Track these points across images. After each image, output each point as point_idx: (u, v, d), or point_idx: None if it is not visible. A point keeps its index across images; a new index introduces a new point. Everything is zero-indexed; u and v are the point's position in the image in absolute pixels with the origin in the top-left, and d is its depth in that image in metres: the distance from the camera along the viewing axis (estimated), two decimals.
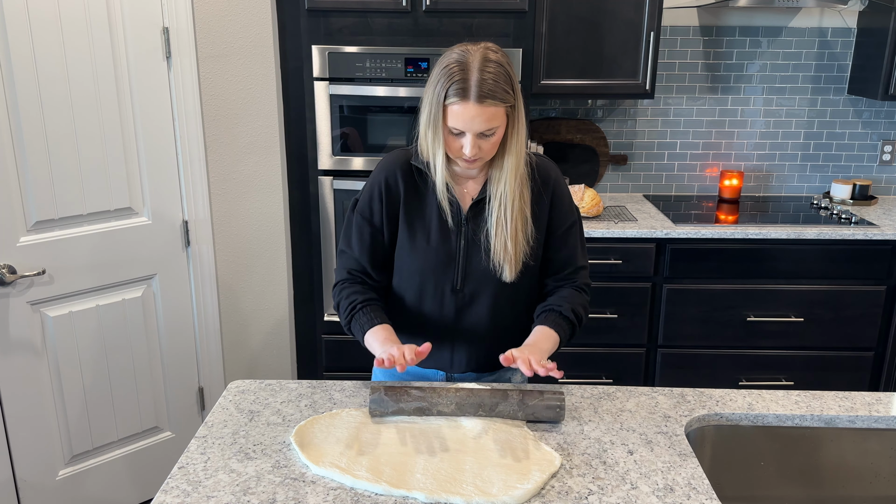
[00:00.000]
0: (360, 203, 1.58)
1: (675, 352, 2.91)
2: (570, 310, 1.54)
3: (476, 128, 1.40)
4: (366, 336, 1.50)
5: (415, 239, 1.55)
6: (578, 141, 3.24)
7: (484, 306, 1.57)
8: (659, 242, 2.79)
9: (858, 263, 2.78)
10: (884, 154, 3.29)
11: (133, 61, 2.25)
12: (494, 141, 1.44)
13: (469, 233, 1.54)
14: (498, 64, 1.40)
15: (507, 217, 1.49)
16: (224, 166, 2.56)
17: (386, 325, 1.51)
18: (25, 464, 2.25)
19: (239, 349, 2.78)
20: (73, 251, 2.23)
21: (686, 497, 1.20)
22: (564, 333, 1.52)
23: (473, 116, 1.38)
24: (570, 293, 1.57)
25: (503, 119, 1.42)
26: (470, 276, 1.55)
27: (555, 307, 1.55)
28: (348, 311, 1.53)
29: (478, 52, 1.40)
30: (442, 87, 1.39)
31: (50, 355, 2.24)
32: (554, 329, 1.51)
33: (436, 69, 1.43)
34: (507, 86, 1.40)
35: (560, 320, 1.53)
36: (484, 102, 1.37)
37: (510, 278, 1.52)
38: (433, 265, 1.55)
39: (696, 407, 1.48)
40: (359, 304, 1.53)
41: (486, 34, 2.59)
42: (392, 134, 2.70)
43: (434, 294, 1.57)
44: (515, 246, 1.50)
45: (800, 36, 3.15)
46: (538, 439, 1.35)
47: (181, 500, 1.18)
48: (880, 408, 1.49)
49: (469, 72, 1.37)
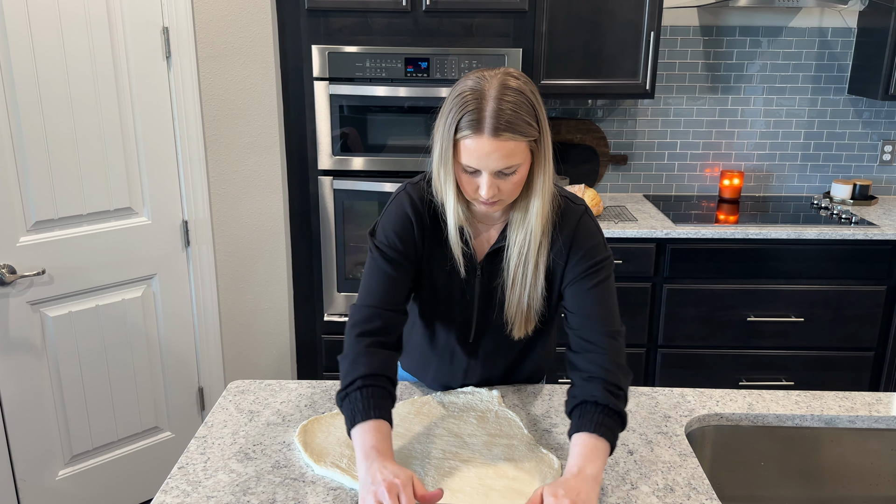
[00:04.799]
0: (386, 234, 1.35)
1: (675, 352, 2.91)
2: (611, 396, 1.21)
3: (492, 166, 1.19)
4: (353, 430, 1.19)
5: (423, 286, 1.41)
6: (578, 141, 3.24)
7: (497, 359, 1.48)
8: (659, 242, 2.79)
9: (858, 263, 2.78)
10: (884, 154, 3.29)
11: (133, 61, 2.25)
12: (516, 181, 1.23)
13: (484, 283, 1.38)
14: (519, 92, 1.19)
15: (526, 268, 1.30)
16: (224, 166, 2.56)
17: (379, 425, 1.18)
18: (25, 464, 2.25)
19: (239, 349, 2.78)
20: (73, 251, 2.23)
21: (686, 497, 1.20)
22: (612, 434, 1.19)
23: (489, 152, 1.18)
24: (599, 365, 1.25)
25: (525, 155, 1.22)
26: (482, 331, 1.43)
27: (590, 398, 1.21)
28: (345, 385, 1.24)
29: (495, 79, 1.20)
30: (453, 119, 1.19)
31: (50, 355, 2.24)
32: (599, 434, 1.17)
33: (448, 98, 1.23)
34: (531, 117, 1.19)
35: (603, 418, 1.19)
36: (501, 136, 1.17)
37: (519, 336, 1.37)
38: (442, 315, 1.44)
39: (696, 407, 1.48)
40: (358, 381, 1.22)
41: (486, 34, 2.60)
42: (392, 134, 2.70)
43: (445, 343, 1.47)
44: (530, 302, 1.33)
45: (800, 36, 3.15)
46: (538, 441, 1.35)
47: (181, 500, 1.18)
48: (880, 408, 1.49)
49: (484, 101, 1.17)
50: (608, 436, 1.18)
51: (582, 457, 1.14)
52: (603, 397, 1.20)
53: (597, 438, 1.17)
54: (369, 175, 2.71)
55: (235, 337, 2.76)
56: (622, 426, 1.21)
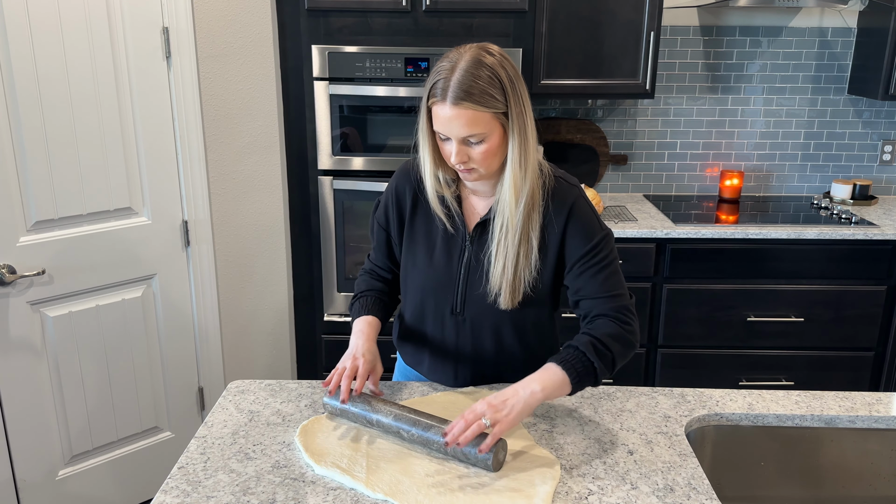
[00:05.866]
0: (378, 208, 1.56)
1: (675, 352, 2.90)
2: (590, 343, 1.32)
3: (456, 132, 1.28)
4: (353, 324, 1.52)
5: (415, 256, 1.50)
6: (578, 141, 3.24)
7: (486, 331, 1.50)
8: (659, 242, 2.79)
9: (858, 263, 2.78)
10: (884, 154, 3.29)
11: (133, 61, 2.25)
12: (484, 150, 1.30)
13: (472, 254, 1.44)
14: (488, 66, 1.27)
15: (508, 240, 1.37)
16: (224, 166, 2.56)
17: (371, 319, 1.51)
18: (25, 464, 2.25)
19: (239, 349, 2.78)
20: (73, 251, 2.23)
21: (686, 497, 1.20)
22: (576, 372, 1.30)
23: (451, 118, 1.27)
24: (600, 324, 1.37)
25: (491, 126, 1.29)
26: (470, 300, 1.47)
27: (573, 343, 1.34)
28: (352, 299, 1.59)
29: (469, 52, 1.29)
30: (427, 86, 1.31)
31: (50, 355, 2.24)
32: (564, 368, 1.30)
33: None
34: (496, 90, 1.27)
35: (575, 361, 1.31)
36: (460, 104, 1.25)
37: (506, 307, 1.41)
38: (432, 286, 1.49)
39: (696, 407, 1.48)
40: (360, 294, 1.58)
41: (486, 34, 2.59)
42: (392, 134, 2.70)
43: (434, 314, 1.52)
44: (515, 273, 1.38)
45: (800, 36, 3.15)
46: (537, 441, 1.35)
47: (181, 500, 1.18)
48: (880, 408, 1.49)
49: (453, 71, 1.27)
50: (571, 373, 1.29)
51: (534, 375, 1.29)
52: (584, 346, 1.32)
53: (559, 369, 1.29)
54: (369, 175, 2.71)
55: (235, 337, 2.76)
56: (593, 379, 1.33)
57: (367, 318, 1.51)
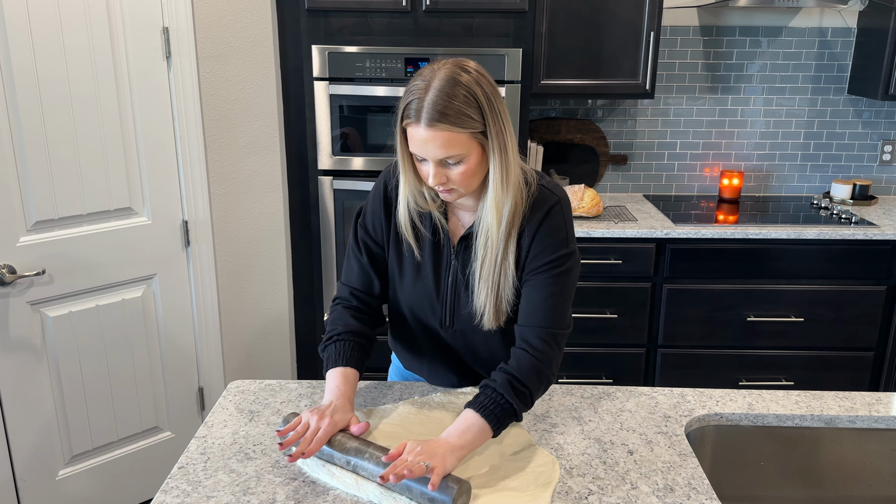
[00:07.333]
0: (363, 214, 1.47)
1: (675, 352, 2.91)
2: (508, 383, 1.28)
3: (432, 154, 1.22)
4: (326, 375, 1.39)
5: (402, 268, 1.45)
6: (578, 141, 3.24)
7: (477, 343, 1.47)
8: (659, 242, 2.79)
9: (858, 263, 2.78)
10: (884, 154, 3.29)
11: (133, 61, 2.25)
12: (463, 171, 1.25)
13: (458, 269, 1.40)
14: (465, 85, 1.20)
15: (489, 260, 1.32)
16: (224, 166, 2.56)
17: (347, 373, 1.37)
18: (25, 464, 2.25)
19: (239, 349, 2.78)
20: (73, 251, 2.23)
21: (686, 497, 1.20)
22: (495, 418, 1.25)
23: (426, 141, 1.21)
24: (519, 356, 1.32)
25: (468, 146, 1.23)
26: (458, 316, 1.44)
27: (490, 384, 1.29)
28: (325, 340, 1.43)
29: (443, 70, 1.22)
30: (401, 106, 1.24)
31: (50, 355, 2.24)
32: (482, 415, 1.25)
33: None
34: (473, 109, 1.21)
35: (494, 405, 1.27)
36: (434, 126, 1.19)
37: (490, 328, 1.38)
38: (420, 300, 1.46)
39: (696, 407, 1.48)
40: (335, 337, 1.42)
41: (486, 34, 2.60)
42: (392, 134, 2.69)
43: (425, 326, 1.49)
44: (497, 295, 1.34)
45: (800, 36, 3.15)
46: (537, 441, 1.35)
47: (181, 500, 1.18)
48: (880, 408, 1.49)
49: (427, 91, 1.20)
50: (490, 418, 1.25)
51: (455, 427, 1.24)
52: (503, 386, 1.28)
53: (477, 416, 1.25)
54: (369, 175, 2.71)
55: (235, 337, 2.76)
56: (513, 417, 1.29)
57: (344, 371, 1.37)
